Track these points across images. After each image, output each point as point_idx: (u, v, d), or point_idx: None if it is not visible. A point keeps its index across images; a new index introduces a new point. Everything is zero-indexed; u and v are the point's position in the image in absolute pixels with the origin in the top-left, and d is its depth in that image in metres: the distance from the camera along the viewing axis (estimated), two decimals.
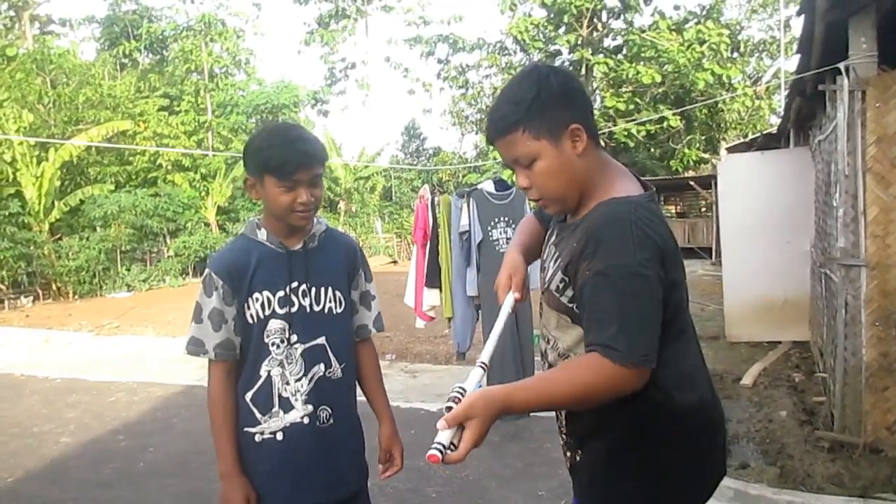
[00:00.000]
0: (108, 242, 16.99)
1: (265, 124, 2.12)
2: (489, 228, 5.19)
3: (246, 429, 1.99)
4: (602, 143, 1.62)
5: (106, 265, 16.76)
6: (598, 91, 25.00)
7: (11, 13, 24.62)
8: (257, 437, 1.99)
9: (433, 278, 5.87)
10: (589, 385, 1.38)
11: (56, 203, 16.95)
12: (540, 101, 1.51)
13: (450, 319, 5.93)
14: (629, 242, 1.40)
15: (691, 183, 21.56)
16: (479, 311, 5.39)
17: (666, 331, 1.44)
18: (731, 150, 18.12)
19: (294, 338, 2.02)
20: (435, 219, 5.89)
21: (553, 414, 1.74)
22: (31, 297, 15.22)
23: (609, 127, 24.31)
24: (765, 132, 12.81)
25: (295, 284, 2.03)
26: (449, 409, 1.37)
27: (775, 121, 25.65)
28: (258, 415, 1.99)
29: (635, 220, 1.43)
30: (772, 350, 7.59)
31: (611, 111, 24.14)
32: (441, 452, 1.32)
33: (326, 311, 2.07)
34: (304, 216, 2.00)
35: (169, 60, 25.49)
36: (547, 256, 1.71)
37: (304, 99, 25.45)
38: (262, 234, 2.05)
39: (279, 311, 2.00)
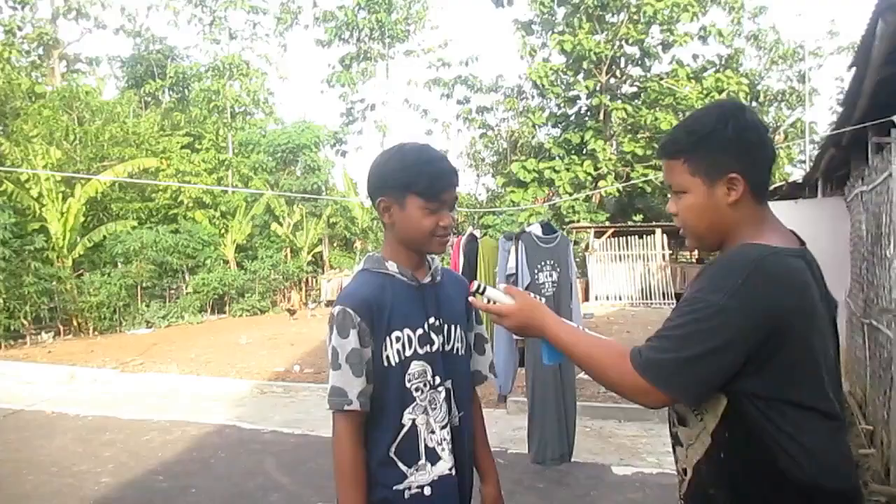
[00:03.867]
0: (129, 279, 17.03)
1: (393, 146, 1.93)
2: (536, 271, 5.18)
3: (395, 487, 1.79)
4: (761, 197, 1.56)
5: (126, 301, 16.78)
6: (615, 136, 25.19)
7: (41, 51, 25.14)
8: (406, 494, 1.80)
9: None
10: (606, 368, 1.50)
11: (79, 239, 17.07)
12: (709, 141, 1.50)
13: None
14: (731, 283, 1.38)
15: None
16: (524, 355, 5.34)
17: (793, 399, 1.41)
18: None
19: (437, 380, 1.84)
20: (468, 260, 5.88)
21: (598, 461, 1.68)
22: (52, 333, 15.22)
23: (627, 171, 24.45)
24: (789, 180, 12.81)
25: (432, 320, 1.86)
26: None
27: (789, 169, 25.77)
28: (403, 468, 1.80)
29: (756, 266, 1.39)
30: None
31: (628, 156, 24.29)
32: (481, 290, 1.68)
33: (455, 351, 1.91)
34: (446, 240, 1.88)
35: (191, 99, 25.92)
36: None
37: (324, 139, 25.73)
38: (392, 266, 1.86)
39: (420, 350, 1.82)
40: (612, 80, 25.38)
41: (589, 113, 25.87)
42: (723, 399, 1.43)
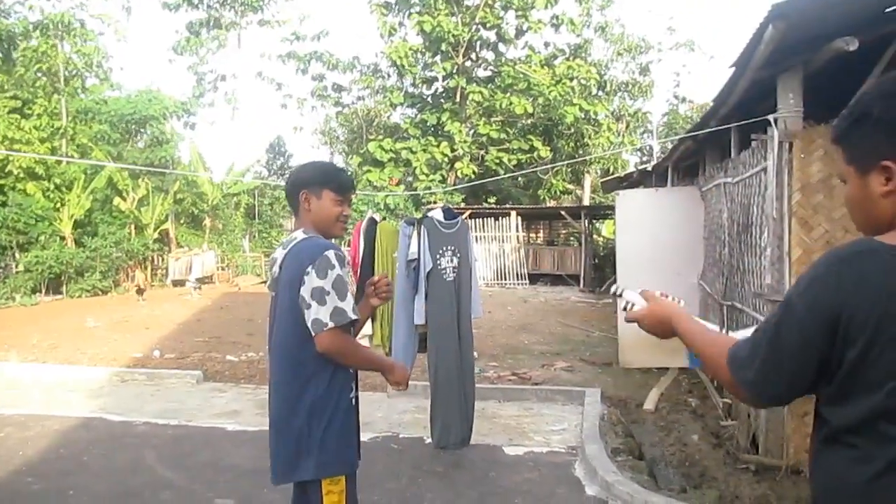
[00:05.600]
0: None
1: (308, 162, 2.61)
2: (438, 257, 5.18)
3: (350, 396, 2.56)
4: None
5: None
6: (470, 118, 25.61)
7: None
8: (352, 401, 2.58)
9: None
10: (714, 367, 1.49)
11: None
12: (862, 124, 1.34)
13: (378, 347, 5.85)
14: (806, 279, 1.32)
15: (562, 213, 22.48)
16: (425, 341, 5.32)
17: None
18: (605, 184, 19.07)
19: None
20: (367, 243, 5.79)
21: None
22: None
23: (482, 153, 24.98)
24: (640, 168, 13.64)
25: None
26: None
27: (626, 157, 27.51)
28: (352, 384, 2.59)
29: (832, 263, 1.29)
30: (663, 376, 8.00)
31: (483, 138, 24.80)
32: (619, 293, 1.84)
33: None
34: (345, 227, 2.70)
35: (16, 60, 23.50)
36: None
37: (172, 110, 24.23)
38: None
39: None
40: (469, 63, 25.72)
41: (445, 94, 26.10)
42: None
